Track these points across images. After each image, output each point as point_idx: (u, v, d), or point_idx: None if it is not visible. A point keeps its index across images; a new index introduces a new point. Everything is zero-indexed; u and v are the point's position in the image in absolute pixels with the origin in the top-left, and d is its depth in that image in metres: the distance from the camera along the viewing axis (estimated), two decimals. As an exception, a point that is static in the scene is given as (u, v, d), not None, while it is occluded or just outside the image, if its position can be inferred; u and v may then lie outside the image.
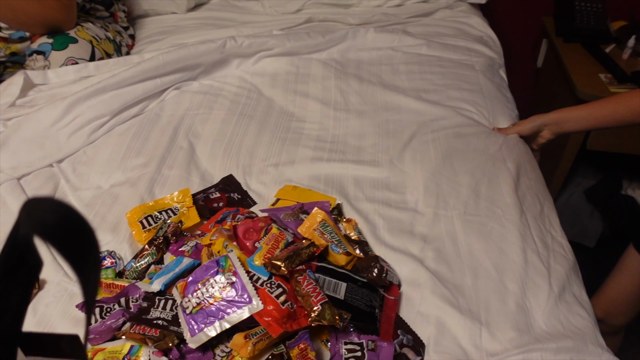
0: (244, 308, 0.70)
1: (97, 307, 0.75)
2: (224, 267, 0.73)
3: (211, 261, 0.74)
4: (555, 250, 0.93)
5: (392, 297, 0.79)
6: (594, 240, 1.97)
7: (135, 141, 1.16)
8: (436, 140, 1.13)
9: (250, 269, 0.74)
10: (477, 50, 1.46)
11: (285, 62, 1.39)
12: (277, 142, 1.14)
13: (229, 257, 0.74)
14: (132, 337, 0.71)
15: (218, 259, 0.74)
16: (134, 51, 1.59)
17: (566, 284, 0.86)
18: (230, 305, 0.70)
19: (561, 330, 0.79)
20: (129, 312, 0.74)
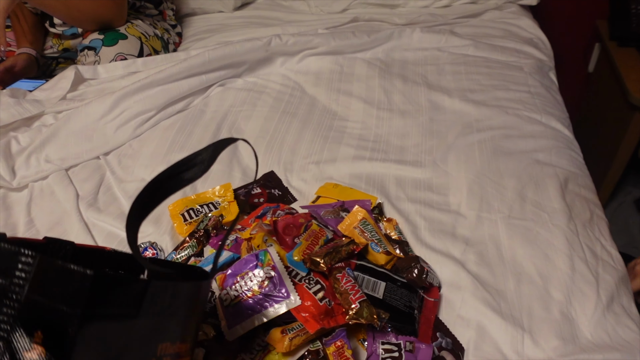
0: (281, 303, 0.70)
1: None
2: (263, 261, 0.73)
3: (250, 255, 0.74)
4: (604, 259, 0.89)
5: (432, 298, 0.77)
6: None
7: (180, 136, 1.18)
8: (482, 141, 1.11)
9: (289, 264, 0.74)
10: (527, 52, 1.42)
11: (330, 61, 1.38)
12: (319, 140, 1.14)
13: (268, 252, 0.74)
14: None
15: (257, 253, 0.74)
16: (181, 49, 1.62)
17: (615, 294, 0.83)
18: (267, 300, 0.70)
19: (608, 342, 0.76)
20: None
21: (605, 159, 1.72)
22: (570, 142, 1.13)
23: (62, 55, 1.61)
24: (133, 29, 1.42)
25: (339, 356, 0.69)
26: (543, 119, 1.17)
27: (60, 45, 1.58)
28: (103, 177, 1.10)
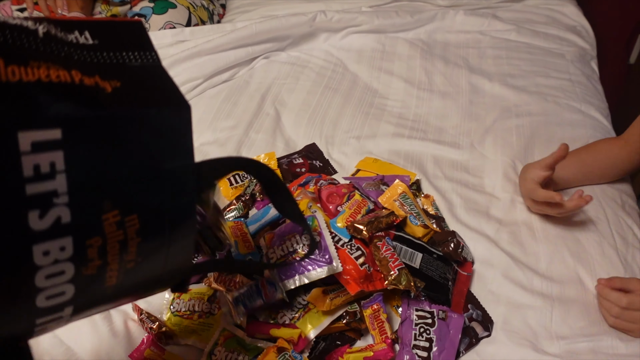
0: (324, 267, 0.74)
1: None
2: (310, 226, 0.77)
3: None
4: (634, 247, 0.91)
5: (465, 272, 0.81)
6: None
7: (225, 104, 1.22)
8: (520, 126, 1.13)
9: (333, 229, 0.78)
10: (569, 40, 1.42)
11: (372, 39, 1.40)
12: (360, 116, 1.17)
13: (315, 217, 0.78)
14: (216, 288, 0.77)
15: (306, 218, 0.78)
16: (224, 20, 1.65)
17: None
18: (311, 263, 0.74)
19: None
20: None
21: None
22: (608, 133, 1.14)
23: (110, 21, 1.65)
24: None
25: (374, 319, 0.73)
26: (582, 108, 1.18)
27: (108, 11, 1.63)
28: (151, 140, 1.15)
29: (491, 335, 0.76)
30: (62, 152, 0.31)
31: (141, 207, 0.36)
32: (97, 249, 0.34)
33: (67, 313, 0.36)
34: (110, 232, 0.34)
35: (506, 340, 0.76)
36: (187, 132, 0.39)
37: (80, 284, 0.35)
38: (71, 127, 0.31)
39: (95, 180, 0.33)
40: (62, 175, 0.31)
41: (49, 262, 0.32)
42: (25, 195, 0.30)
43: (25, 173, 0.29)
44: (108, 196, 0.34)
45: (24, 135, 0.29)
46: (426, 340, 0.72)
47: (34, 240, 0.31)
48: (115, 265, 0.36)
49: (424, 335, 0.73)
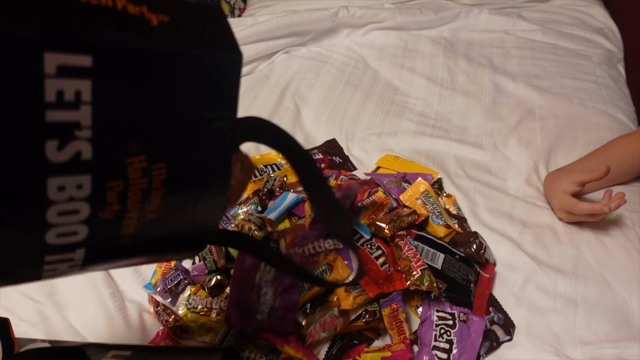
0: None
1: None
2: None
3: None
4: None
5: (488, 275, 0.79)
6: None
7: (245, 98, 1.21)
8: (544, 128, 1.10)
9: (355, 226, 0.77)
10: (596, 42, 1.39)
11: (394, 36, 1.39)
12: (381, 113, 1.16)
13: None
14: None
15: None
16: (245, 14, 1.65)
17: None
18: None
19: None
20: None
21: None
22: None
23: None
24: (204, -9, 1.46)
25: (393, 318, 0.72)
26: (609, 111, 1.15)
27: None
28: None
29: (513, 340, 0.75)
30: (90, 81, 0.28)
31: (171, 156, 0.33)
32: (117, 194, 0.32)
33: (78, 256, 0.34)
34: (134, 178, 0.32)
35: (528, 344, 0.74)
36: (235, 83, 0.35)
37: (95, 227, 0.32)
38: (104, 56, 0.28)
39: (124, 118, 0.30)
40: (88, 107, 0.28)
41: (64, 199, 0.30)
42: (45, 122, 0.27)
43: (47, 97, 0.27)
44: (136, 138, 0.31)
45: (51, 57, 0.26)
46: (446, 341, 0.71)
47: (50, 172, 0.28)
48: (134, 214, 0.33)
49: (444, 337, 0.71)
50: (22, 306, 0.81)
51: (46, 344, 0.66)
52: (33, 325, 0.78)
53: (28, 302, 0.81)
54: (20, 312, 0.80)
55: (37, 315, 0.79)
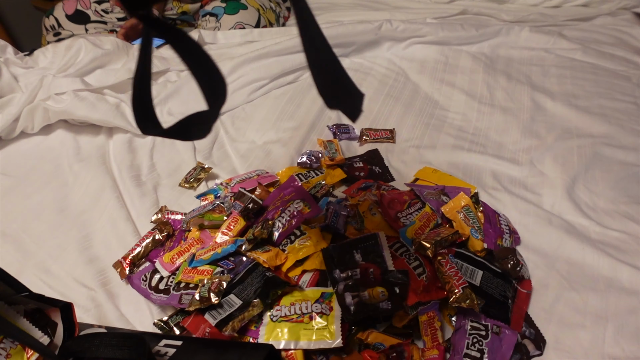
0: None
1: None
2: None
3: (363, 236, 0.81)
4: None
5: (525, 290, 0.82)
6: None
7: (289, 106, 1.26)
8: (581, 146, 1.12)
9: (402, 239, 0.81)
10: (636, 62, 1.40)
11: (435, 51, 1.42)
12: (420, 126, 1.19)
13: (378, 236, 0.80)
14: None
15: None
16: (289, 24, 1.70)
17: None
18: None
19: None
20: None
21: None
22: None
23: (180, 18, 1.73)
24: (253, 0, 1.51)
25: (428, 325, 0.75)
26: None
27: (179, 8, 1.70)
28: (217, 135, 1.20)
29: (542, 355, 0.77)
30: None
31: None
32: None
33: None
34: None
35: (556, 359, 0.76)
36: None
37: None
38: None
39: None
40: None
41: None
42: None
43: None
44: None
45: None
46: (478, 351, 0.74)
47: None
48: None
49: (476, 346, 0.74)
50: (76, 292, 0.87)
51: (102, 329, 0.71)
52: (86, 311, 0.84)
53: (82, 289, 0.87)
54: (74, 297, 0.85)
55: (91, 302, 0.85)
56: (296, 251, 0.80)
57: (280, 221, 0.83)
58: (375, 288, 0.74)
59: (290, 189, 0.90)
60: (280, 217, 0.84)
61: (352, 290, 0.74)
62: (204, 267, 0.79)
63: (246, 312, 0.71)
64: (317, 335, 0.70)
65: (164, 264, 0.83)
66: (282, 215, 0.84)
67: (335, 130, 1.15)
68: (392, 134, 1.15)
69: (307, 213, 0.84)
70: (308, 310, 0.73)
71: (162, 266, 0.82)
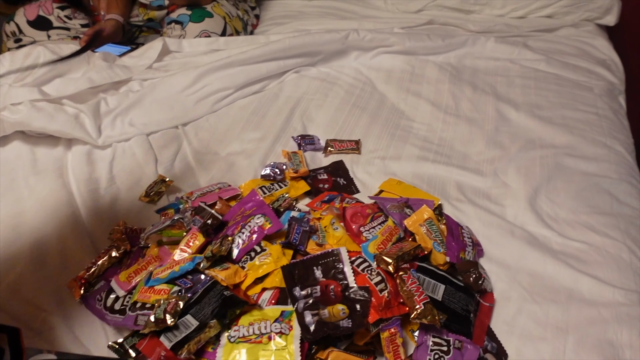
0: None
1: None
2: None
3: (324, 252, 0.80)
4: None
5: (487, 303, 0.82)
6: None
7: (254, 116, 1.25)
8: (544, 157, 1.13)
9: (364, 254, 0.80)
10: (598, 74, 1.42)
11: (402, 61, 1.43)
12: (386, 137, 1.19)
13: (340, 252, 0.79)
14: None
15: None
16: (257, 31, 1.69)
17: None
18: None
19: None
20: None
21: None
22: (632, 169, 1.14)
23: (146, 25, 1.70)
24: (219, 8, 1.50)
25: (390, 342, 0.74)
26: (608, 142, 1.18)
27: (145, 14, 1.67)
28: (180, 145, 1.18)
29: (504, 368, 0.77)
30: None
31: None
32: None
33: None
34: None
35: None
36: None
37: None
38: None
39: None
40: None
41: None
42: None
43: None
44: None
45: None
46: (440, 366, 0.73)
47: None
48: None
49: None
50: (28, 314, 0.83)
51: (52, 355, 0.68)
52: (38, 334, 0.80)
53: (35, 311, 0.83)
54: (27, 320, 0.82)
55: (44, 324, 0.81)
56: (256, 268, 0.78)
57: (241, 237, 0.82)
58: (335, 306, 0.73)
59: (251, 203, 0.89)
60: (241, 233, 0.82)
61: (312, 308, 0.73)
62: (161, 286, 0.77)
63: (203, 334, 0.69)
64: (276, 357, 0.69)
65: (120, 282, 0.80)
66: (242, 231, 0.82)
67: (300, 142, 1.14)
68: (357, 145, 1.14)
69: (268, 229, 0.82)
70: (267, 330, 0.71)
71: (118, 285, 0.80)
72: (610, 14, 1.59)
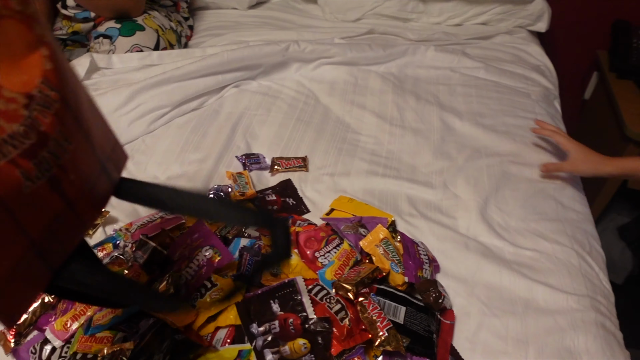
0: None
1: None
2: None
3: (279, 284, 0.76)
4: (602, 292, 0.93)
5: (449, 321, 0.80)
6: (623, 278, 1.96)
7: (194, 135, 1.18)
8: (490, 166, 1.14)
9: (321, 281, 0.76)
10: (534, 79, 1.46)
11: (344, 72, 1.40)
12: (334, 152, 1.16)
13: (296, 282, 0.75)
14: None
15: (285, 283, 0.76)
16: (192, 43, 1.62)
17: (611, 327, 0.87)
18: None
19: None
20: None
21: (595, 185, 1.78)
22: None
23: (71, 38, 1.59)
24: (150, 20, 1.42)
25: (355, 371, 0.71)
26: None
27: (70, 27, 1.57)
28: (115, 170, 1.10)
29: (469, 386, 0.76)
30: None
31: None
32: None
33: None
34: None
35: (483, 390, 0.75)
36: None
37: None
38: None
39: None
40: None
41: None
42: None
43: None
44: None
45: None
46: (405, 391, 0.71)
47: None
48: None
49: (403, 387, 0.71)
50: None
51: None
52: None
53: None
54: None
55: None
56: (208, 306, 0.73)
57: (189, 272, 0.76)
58: (296, 341, 0.68)
59: (198, 234, 0.83)
60: (188, 267, 0.76)
61: (271, 346, 0.68)
62: (103, 334, 0.70)
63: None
64: (236, 402, 0.64)
65: (55, 331, 0.72)
66: (190, 265, 0.77)
67: (245, 161, 1.09)
68: (304, 162, 1.11)
69: (218, 261, 0.77)
70: (224, 373, 0.66)
71: (53, 334, 0.72)
72: (541, 20, 1.64)
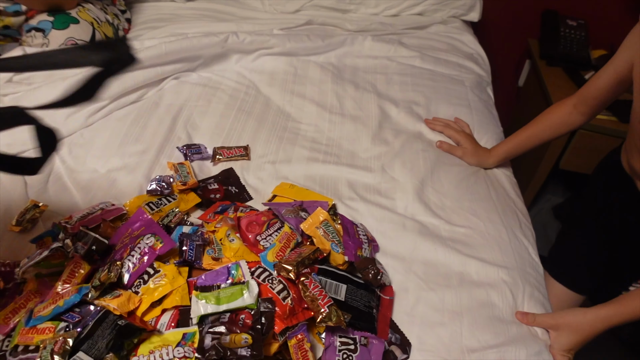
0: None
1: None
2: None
3: (223, 267, 0.77)
4: (531, 264, 0.99)
5: (388, 297, 0.84)
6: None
7: (134, 128, 1.17)
8: (425, 150, 1.19)
9: (263, 263, 0.78)
10: (468, 67, 1.52)
11: (284, 62, 1.42)
12: (275, 140, 1.18)
13: (240, 266, 0.77)
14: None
15: (229, 267, 0.77)
16: (130, 36, 1.59)
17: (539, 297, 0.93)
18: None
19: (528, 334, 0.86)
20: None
21: (529, 167, 1.87)
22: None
23: (2, 32, 1.53)
24: (85, 13, 1.39)
25: (298, 348, 0.74)
26: (480, 134, 1.27)
27: (0, 21, 1.51)
28: (52, 165, 1.08)
29: (409, 357, 0.80)
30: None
31: None
32: None
33: None
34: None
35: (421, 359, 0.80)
36: None
37: None
38: None
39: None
40: None
41: None
42: None
43: None
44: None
45: None
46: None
47: None
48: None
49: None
50: None
51: None
52: None
53: None
54: None
55: None
56: (151, 292, 0.74)
57: (130, 261, 0.76)
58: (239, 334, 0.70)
59: (139, 222, 0.83)
60: (130, 256, 0.77)
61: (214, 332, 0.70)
62: (45, 325, 0.69)
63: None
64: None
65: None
66: (132, 253, 0.77)
67: (186, 152, 1.09)
68: (246, 151, 1.12)
69: (160, 248, 0.78)
70: (169, 356, 0.67)
71: (-8, 329, 0.71)
72: (473, 10, 1.70)
